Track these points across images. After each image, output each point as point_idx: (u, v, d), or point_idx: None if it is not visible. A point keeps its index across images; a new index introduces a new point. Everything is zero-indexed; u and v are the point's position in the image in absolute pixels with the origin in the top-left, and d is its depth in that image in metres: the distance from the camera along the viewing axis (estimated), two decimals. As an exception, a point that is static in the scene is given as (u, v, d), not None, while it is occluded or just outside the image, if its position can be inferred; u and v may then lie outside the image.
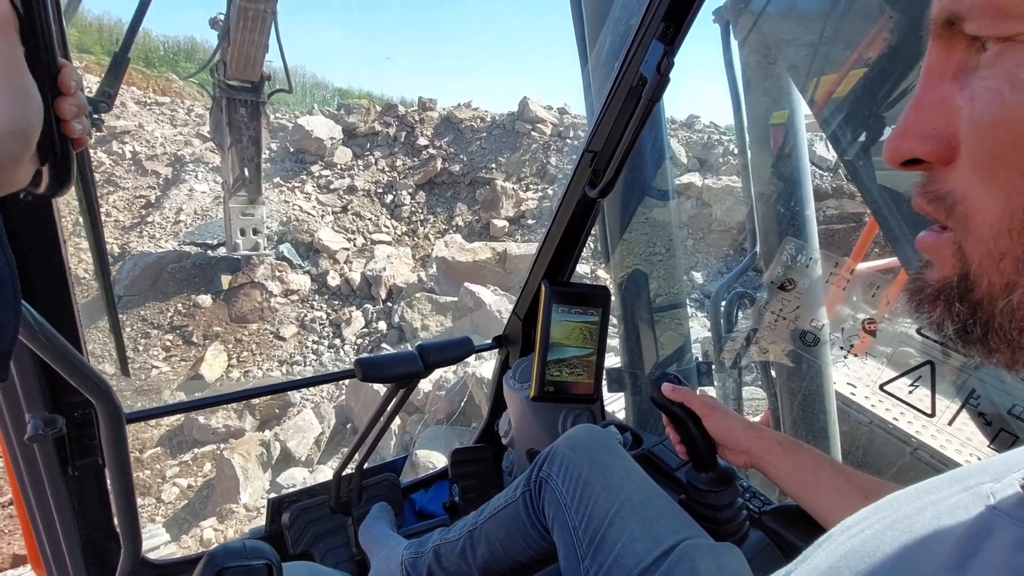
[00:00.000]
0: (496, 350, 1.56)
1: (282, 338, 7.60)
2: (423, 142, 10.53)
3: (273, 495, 1.29)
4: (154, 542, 4.03)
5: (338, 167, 10.21)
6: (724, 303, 2.12)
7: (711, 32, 2.15)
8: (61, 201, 0.78)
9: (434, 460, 4.31)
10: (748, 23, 1.97)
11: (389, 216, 9.76)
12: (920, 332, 1.44)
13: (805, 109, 2.02)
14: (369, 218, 9.58)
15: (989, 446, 1.30)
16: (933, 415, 1.46)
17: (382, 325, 7.59)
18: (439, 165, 10.17)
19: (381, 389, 1.13)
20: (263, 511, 1.27)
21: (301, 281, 8.29)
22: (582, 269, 8.09)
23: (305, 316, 7.92)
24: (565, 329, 1.31)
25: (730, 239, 8.79)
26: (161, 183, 9.53)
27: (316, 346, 7.55)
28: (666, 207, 1.90)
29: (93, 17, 12.71)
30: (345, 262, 8.70)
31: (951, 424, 1.49)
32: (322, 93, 14.70)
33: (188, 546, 4.41)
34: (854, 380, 2.26)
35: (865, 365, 2.15)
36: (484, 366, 5.07)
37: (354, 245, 9.07)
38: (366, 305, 8.02)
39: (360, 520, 1.29)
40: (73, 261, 7.00)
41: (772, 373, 2.12)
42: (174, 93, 11.44)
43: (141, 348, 7.18)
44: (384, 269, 8.28)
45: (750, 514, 1.05)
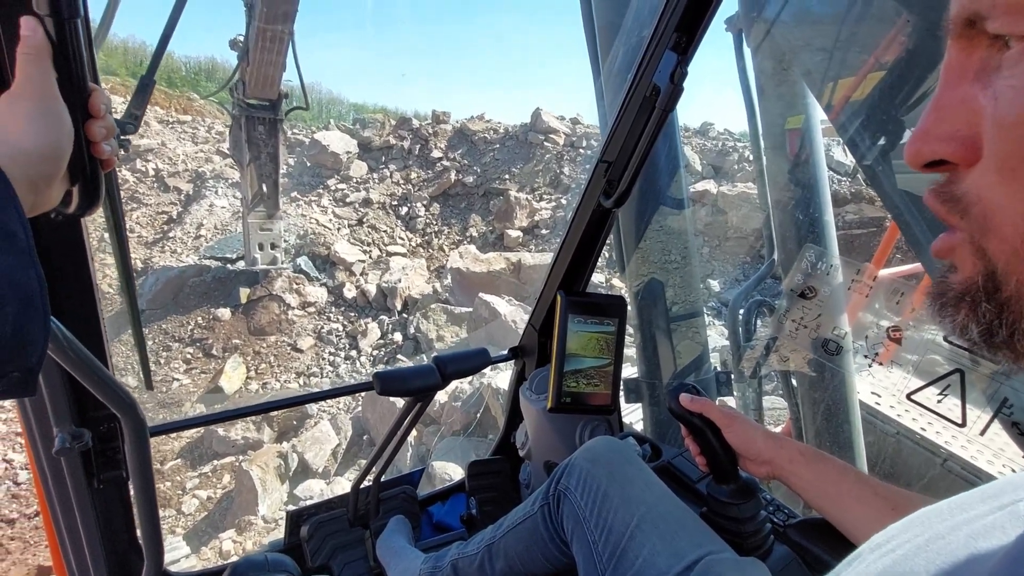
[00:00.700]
0: (512, 361, 1.55)
1: (299, 350, 7.68)
2: (437, 154, 10.64)
3: (292, 507, 1.30)
4: (175, 555, 4.07)
5: (354, 180, 10.35)
6: (742, 311, 2.09)
7: (723, 40, 2.15)
8: (88, 219, 0.80)
9: (451, 472, 4.30)
10: (761, 30, 1.96)
11: (404, 228, 9.84)
12: (947, 339, 1.40)
13: (821, 114, 2.00)
14: (384, 230, 9.68)
15: (1024, 457, 1.26)
16: (964, 425, 1.41)
17: (398, 336, 7.63)
18: (453, 177, 10.25)
19: (398, 401, 1.13)
20: (281, 523, 1.28)
21: (318, 293, 8.38)
22: (597, 278, 8.06)
23: (322, 328, 8.00)
24: (581, 340, 1.30)
25: (747, 246, 8.69)
26: (182, 199, 9.75)
27: (333, 358, 7.61)
28: (681, 215, 1.89)
29: (118, 40, 13.15)
30: (361, 274, 8.78)
31: (983, 434, 1.44)
32: (338, 108, 14.97)
33: (208, 558, 4.44)
34: (879, 389, 2.21)
35: (890, 374, 2.10)
36: (500, 377, 5.06)
37: (370, 257, 9.16)
38: (382, 316, 8.07)
39: (378, 533, 1.28)
40: (97, 276, 7.18)
41: (793, 383, 2.08)
42: (195, 112, 11.74)
43: (163, 361, 7.31)
44: (399, 280, 8.34)
45: (774, 528, 1.02)
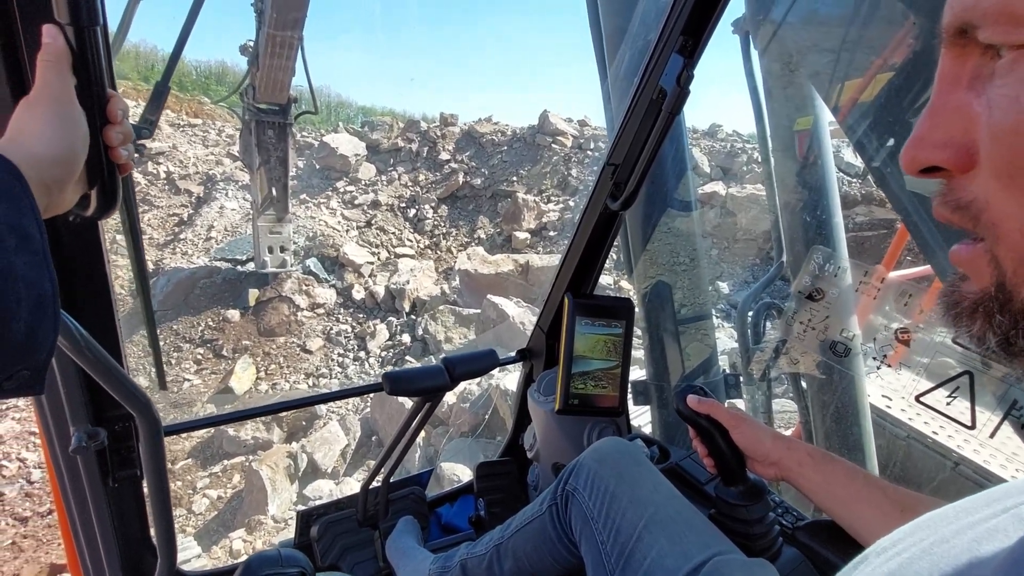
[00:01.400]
0: (520, 363, 1.56)
1: (308, 351, 7.72)
2: (445, 157, 10.68)
3: (301, 507, 1.31)
4: (186, 555, 4.10)
5: (362, 183, 10.41)
6: (751, 314, 2.08)
7: (730, 42, 2.15)
8: (104, 221, 0.82)
9: (459, 473, 4.31)
10: (768, 32, 1.95)
11: (412, 230, 9.88)
12: (956, 341, 1.39)
13: (829, 116, 1.99)
14: (393, 232, 9.72)
15: (1035, 460, 1.25)
16: (973, 427, 1.40)
17: (406, 338, 7.66)
18: (461, 179, 10.28)
19: (406, 402, 1.14)
20: (291, 522, 1.29)
21: (327, 295, 8.43)
22: (605, 280, 8.05)
23: (331, 329, 8.05)
24: (589, 342, 1.31)
25: (756, 248, 8.64)
26: (193, 201, 9.85)
27: (342, 359, 7.65)
28: (689, 217, 1.89)
29: (130, 45, 13.29)
30: (370, 276, 8.82)
31: (992, 437, 1.43)
32: (346, 111, 15.04)
33: (218, 557, 4.47)
34: (889, 392, 2.19)
35: (900, 376, 2.08)
36: (508, 378, 5.06)
37: (378, 259, 9.20)
38: (390, 318, 8.11)
39: (387, 534, 1.29)
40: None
41: (803, 385, 2.07)
42: (206, 115, 11.86)
43: (174, 361, 7.38)
44: (408, 282, 8.37)
45: (783, 530, 1.02)
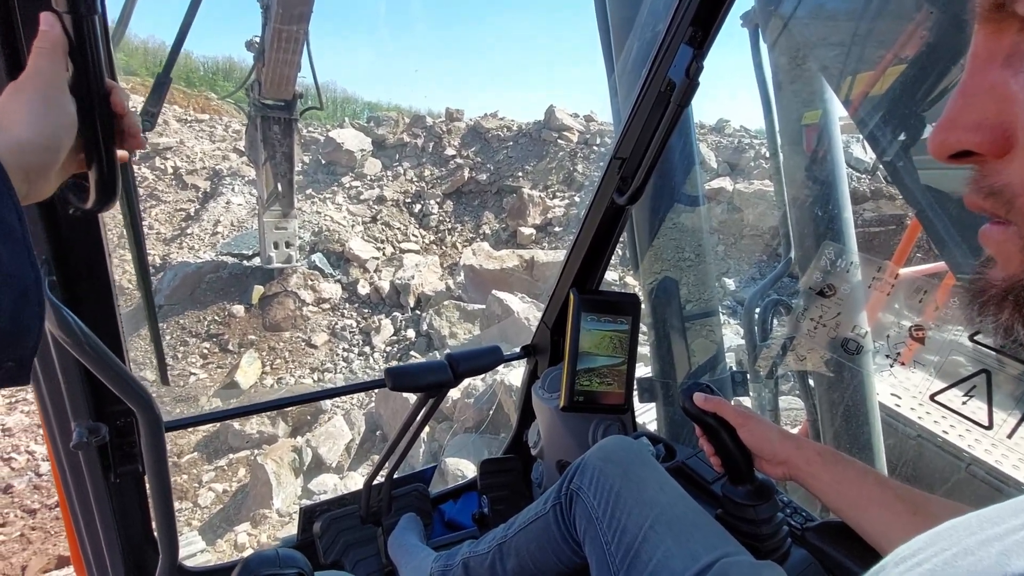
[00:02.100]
0: (524, 359, 1.54)
1: (314, 346, 7.75)
2: (450, 152, 10.66)
3: (306, 502, 1.30)
4: (190, 550, 4.12)
5: (368, 178, 10.41)
6: (758, 310, 2.06)
7: (739, 36, 2.12)
8: (107, 215, 0.81)
9: (463, 468, 4.31)
10: (778, 25, 1.92)
11: (417, 225, 9.88)
12: (973, 339, 1.36)
13: (839, 110, 1.96)
14: (398, 227, 9.73)
15: (1052, 463, 1.22)
16: (991, 427, 1.37)
17: (411, 333, 7.67)
18: (466, 174, 10.26)
19: (411, 397, 1.13)
20: (295, 517, 1.29)
21: (332, 290, 8.45)
22: (610, 276, 8.02)
23: (336, 324, 8.07)
24: (594, 338, 1.29)
25: (763, 244, 8.58)
26: (200, 196, 9.89)
27: (347, 354, 7.67)
28: (695, 212, 1.87)
29: (139, 41, 13.35)
30: (375, 271, 8.84)
31: (1011, 437, 1.40)
32: (352, 107, 15.05)
33: (223, 550, 4.50)
34: (899, 391, 2.16)
35: (912, 375, 2.06)
36: (513, 374, 5.06)
37: (383, 254, 9.21)
38: (395, 313, 8.12)
39: (390, 530, 1.29)
40: (118, 272, 7.32)
41: (811, 383, 2.05)
42: (213, 110, 11.90)
43: (180, 356, 7.43)
44: (413, 277, 8.38)
45: (792, 531, 1.00)
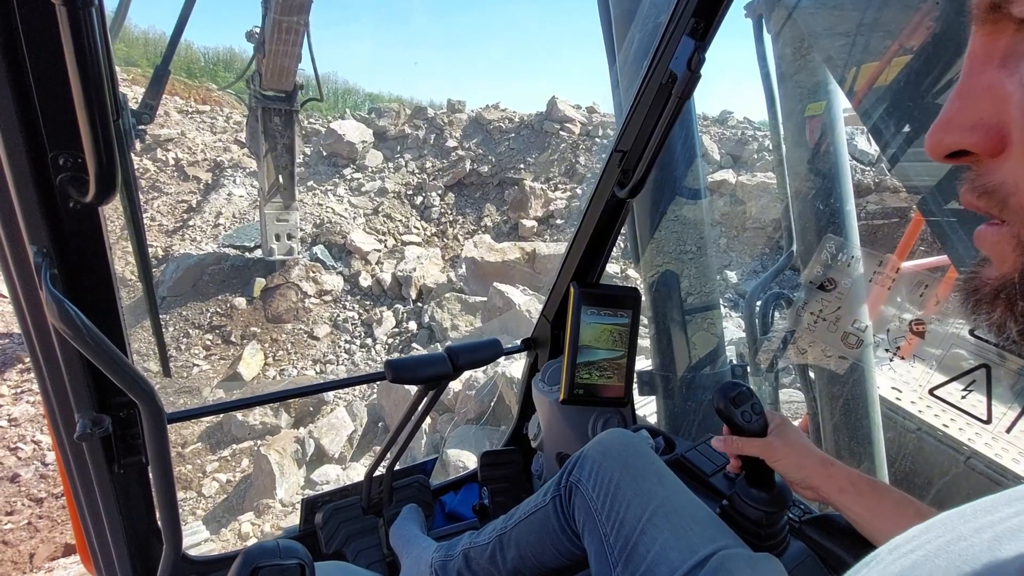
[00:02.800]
0: (525, 352, 1.55)
1: (316, 338, 7.78)
2: (452, 144, 10.62)
3: (309, 493, 1.32)
4: (195, 539, 4.16)
5: (369, 170, 10.39)
6: (759, 304, 2.05)
7: (743, 27, 2.10)
8: (108, 208, 0.81)
9: (464, 459, 4.33)
10: (782, 16, 1.91)
11: (419, 217, 9.87)
12: (973, 334, 1.36)
13: (843, 102, 1.95)
14: (400, 219, 9.72)
15: (1051, 456, 1.23)
16: (989, 421, 1.38)
17: (412, 325, 7.69)
18: (468, 166, 10.23)
19: (412, 389, 1.14)
20: (298, 507, 1.30)
21: (334, 282, 8.47)
22: (611, 269, 8.01)
23: (338, 316, 8.09)
24: (595, 331, 1.30)
25: (765, 237, 8.56)
26: (201, 188, 9.89)
27: (348, 345, 7.70)
28: (697, 205, 1.86)
29: (139, 32, 13.27)
30: (376, 263, 8.84)
31: (1009, 431, 1.40)
32: (353, 98, 14.97)
33: (227, 539, 4.55)
34: (899, 384, 2.16)
35: (912, 369, 2.06)
36: (514, 365, 5.07)
37: (385, 246, 9.21)
38: (397, 305, 8.13)
39: (391, 521, 1.30)
40: (120, 264, 7.33)
41: (811, 375, 2.05)
42: (213, 102, 11.85)
43: (183, 347, 7.46)
44: (414, 270, 8.38)
45: (790, 523, 1.01)
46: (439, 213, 9.89)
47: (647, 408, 3.01)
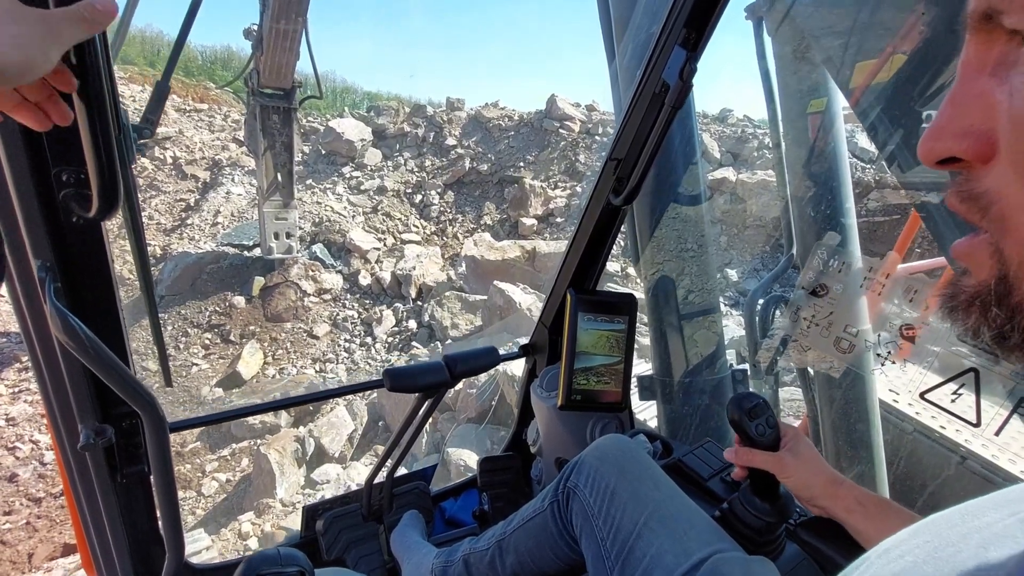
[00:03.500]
0: (523, 358, 1.56)
1: (315, 337, 7.78)
2: (451, 142, 10.60)
3: (309, 492, 1.33)
4: (196, 547, 4.14)
5: (368, 168, 10.38)
6: (760, 306, 2.06)
7: (743, 28, 2.10)
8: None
9: (465, 459, 4.34)
10: (781, 16, 1.91)
11: (418, 216, 9.87)
12: (961, 338, 1.37)
13: (842, 103, 1.95)
14: (399, 218, 9.71)
15: (1043, 459, 1.24)
16: (979, 424, 1.39)
17: (412, 324, 7.70)
18: (467, 164, 10.22)
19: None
20: (298, 506, 1.32)
21: (333, 280, 8.47)
22: (611, 267, 8.01)
23: (337, 315, 8.10)
24: (592, 337, 1.31)
25: (765, 235, 8.56)
26: (200, 187, 9.88)
27: (348, 344, 7.71)
28: (698, 207, 1.86)
29: (136, 30, 13.23)
30: (376, 262, 8.84)
31: (998, 434, 1.42)
32: (352, 96, 14.94)
33: (227, 539, 4.56)
34: (896, 387, 2.18)
35: (906, 371, 2.07)
36: (515, 364, 5.07)
37: (384, 245, 9.21)
38: (396, 304, 8.14)
39: (391, 528, 1.31)
40: (119, 263, 7.33)
41: (811, 377, 2.06)
42: (211, 100, 11.82)
43: (182, 346, 7.47)
44: (414, 268, 8.39)
45: (785, 527, 1.02)
46: (438, 211, 9.89)
47: (646, 412, 3.03)
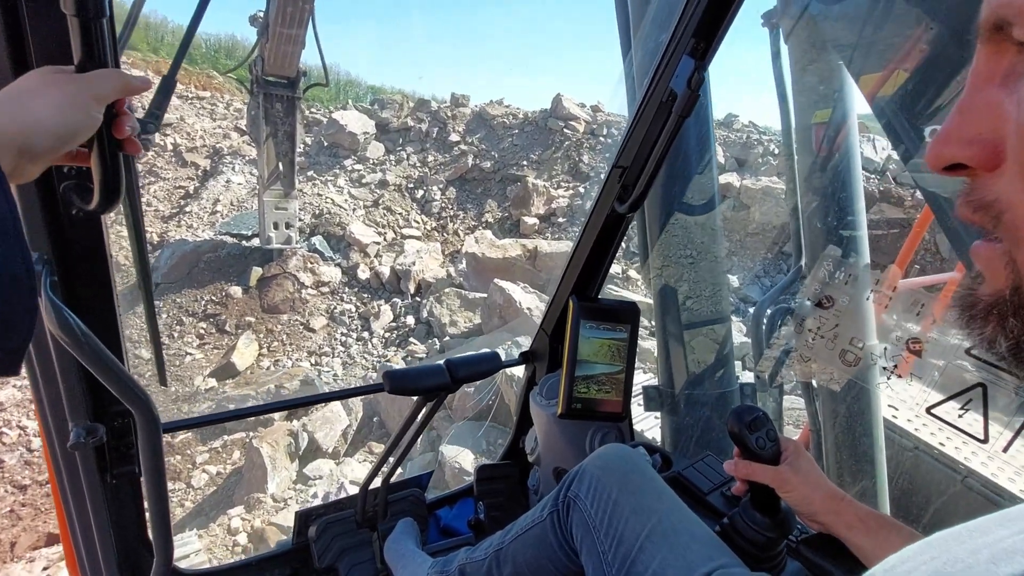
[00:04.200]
0: (523, 365, 1.54)
1: (312, 329, 7.76)
2: (455, 138, 10.57)
3: (304, 505, 1.31)
4: (185, 550, 4.10)
5: (370, 161, 10.34)
6: (767, 317, 2.04)
7: (752, 34, 2.08)
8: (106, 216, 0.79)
9: (460, 461, 4.32)
10: (801, 25, 1.88)
11: (420, 211, 9.83)
12: (970, 353, 1.36)
13: (856, 110, 1.93)
14: (400, 213, 9.68)
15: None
16: (986, 440, 1.38)
17: (410, 319, 7.67)
18: (470, 161, 10.19)
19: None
20: (290, 502, 1.29)
21: (332, 273, 8.44)
22: (613, 269, 7.99)
23: (335, 308, 8.07)
24: (593, 346, 1.29)
25: (769, 241, 8.55)
26: (200, 174, 9.83)
27: (345, 338, 7.68)
28: (709, 214, 1.83)
29: (140, 16, 13.14)
30: (375, 256, 8.81)
31: (1006, 451, 1.41)
32: (356, 90, 14.87)
33: (215, 534, 4.52)
34: (896, 402, 2.16)
35: (908, 387, 2.06)
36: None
37: (384, 239, 9.18)
38: (395, 299, 8.11)
39: (385, 535, 1.29)
40: (114, 249, 7.27)
41: (815, 388, 2.04)
42: (214, 88, 11.76)
43: (176, 335, 7.43)
44: (414, 264, 8.36)
45: (787, 543, 1.01)
46: (440, 207, 9.86)
47: (645, 423, 3.02)
